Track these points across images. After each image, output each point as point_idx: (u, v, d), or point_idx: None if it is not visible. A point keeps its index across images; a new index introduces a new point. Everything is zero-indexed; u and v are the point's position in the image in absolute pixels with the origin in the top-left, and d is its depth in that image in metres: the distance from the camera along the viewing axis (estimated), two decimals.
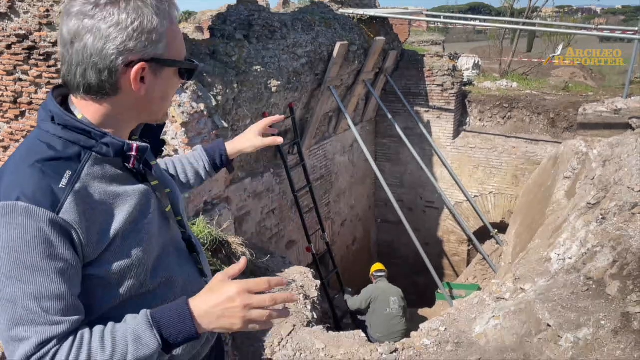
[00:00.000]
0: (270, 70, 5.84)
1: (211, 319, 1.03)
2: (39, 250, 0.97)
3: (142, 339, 1.02)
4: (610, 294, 3.43)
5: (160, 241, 1.20)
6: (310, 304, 5.30)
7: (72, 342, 1.00)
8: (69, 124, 1.06)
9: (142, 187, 1.16)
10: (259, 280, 1.05)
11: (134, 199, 1.13)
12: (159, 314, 1.05)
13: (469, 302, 4.77)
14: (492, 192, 9.06)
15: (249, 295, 1.02)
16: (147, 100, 1.10)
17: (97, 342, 1.01)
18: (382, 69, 8.66)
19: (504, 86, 9.90)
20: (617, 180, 4.73)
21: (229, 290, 1.03)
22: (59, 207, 0.98)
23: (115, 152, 1.09)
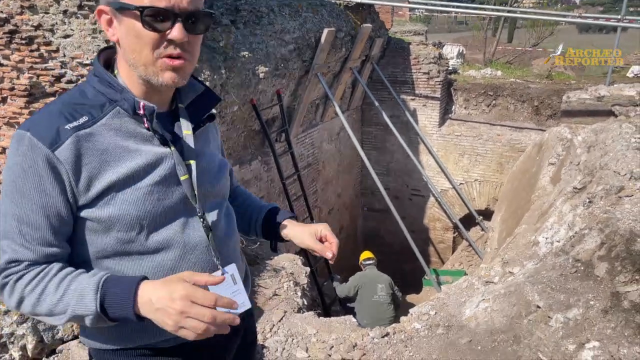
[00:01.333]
0: (257, 56, 5.77)
1: (150, 308, 1.02)
2: (30, 180, 1.06)
3: (84, 299, 1.05)
4: (599, 275, 3.49)
5: (165, 206, 1.18)
6: (300, 290, 5.31)
7: (38, 272, 1.09)
8: (101, 76, 1.16)
9: (158, 150, 1.18)
10: (207, 295, 1.02)
11: (143, 158, 1.14)
12: (111, 283, 1.06)
13: (458, 286, 4.82)
14: (478, 180, 9.15)
15: (190, 304, 0.99)
16: (123, 50, 1.13)
17: (55, 284, 1.08)
18: (368, 56, 8.64)
19: (489, 74, 9.97)
20: (603, 165, 4.81)
21: (176, 290, 1.01)
22: (57, 145, 1.06)
23: (132, 108, 1.13)
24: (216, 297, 1.02)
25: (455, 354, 3.73)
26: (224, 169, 1.39)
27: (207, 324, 0.99)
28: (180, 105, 1.26)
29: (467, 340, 3.78)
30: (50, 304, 1.07)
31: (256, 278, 5.17)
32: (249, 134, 6.41)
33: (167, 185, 1.19)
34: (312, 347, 4.22)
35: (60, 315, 1.08)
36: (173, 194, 1.20)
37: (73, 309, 1.05)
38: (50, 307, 1.07)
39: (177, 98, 1.26)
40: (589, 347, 2.97)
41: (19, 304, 1.09)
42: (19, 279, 1.08)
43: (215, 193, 1.32)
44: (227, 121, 5.74)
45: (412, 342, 4.06)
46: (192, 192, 1.22)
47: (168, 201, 1.19)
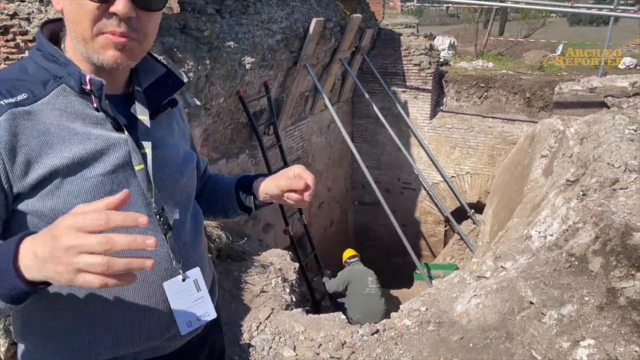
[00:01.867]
0: (244, 47, 5.61)
1: (36, 263, 0.78)
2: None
3: None
4: (593, 270, 3.40)
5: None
6: (288, 286, 5.18)
7: None
8: (44, 49, 1.03)
9: (110, 135, 1.03)
10: (90, 214, 0.75)
11: (93, 143, 1.00)
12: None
13: (449, 281, 4.72)
14: (469, 173, 9.06)
15: (77, 234, 0.73)
16: (67, 21, 1.00)
17: None
18: (358, 47, 8.50)
19: (480, 66, 9.86)
20: (597, 157, 4.71)
21: (57, 225, 0.76)
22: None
23: (78, 84, 0.99)
24: (105, 203, 0.77)
25: (446, 351, 3.63)
26: (189, 161, 1.24)
27: (104, 254, 0.73)
28: (137, 88, 1.11)
29: (458, 337, 3.68)
30: None
31: (243, 275, 5.04)
32: (236, 127, 6.26)
33: (121, 176, 1.04)
34: (300, 345, 4.11)
35: None
36: (128, 187, 1.05)
37: None
38: None
39: (135, 80, 1.12)
40: (584, 345, 2.88)
41: None
42: None
43: (178, 188, 1.18)
44: (213, 113, 5.59)
45: (402, 340, 3.95)
46: (148, 184, 1.07)
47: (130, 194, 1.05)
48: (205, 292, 1.16)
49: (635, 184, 3.95)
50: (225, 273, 4.94)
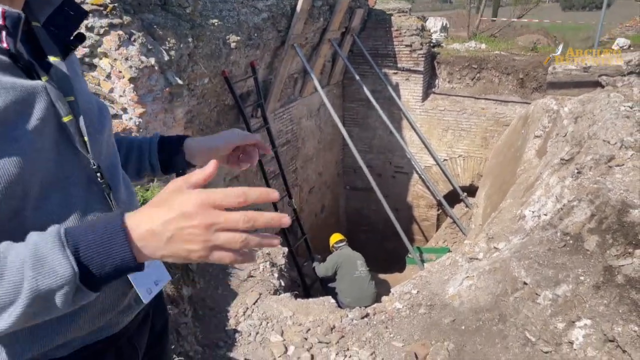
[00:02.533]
0: (228, 25, 5.41)
1: (158, 242, 0.73)
2: None
3: (46, 262, 0.70)
4: (589, 248, 3.28)
5: (56, 161, 0.87)
6: (277, 271, 5.06)
7: None
8: None
9: (24, 82, 0.83)
10: (230, 191, 0.74)
11: (8, 95, 0.79)
12: (77, 230, 0.74)
13: (441, 263, 4.61)
14: (462, 155, 8.94)
15: (214, 212, 0.72)
16: None
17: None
18: (348, 28, 8.29)
19: (473, 47, 9.68)
20: (592, 135, 4.59)
21: (186, 202, 0.72)
22: None
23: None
24: (243, 189, 0.75)
25: (437, 334, 3.52)
26: (107, 110, 1.08)
27: (245, 231, 0.72)
28: (35, 23, 0.92)
29: (450, 320, 3.57)
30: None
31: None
32: (222, 109, 6.07)
33: (56, 132, 0.87)
34: (288, 330, 3.99)
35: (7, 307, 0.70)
36: (65, 143, 0.89)
37: (32, 284, 0.69)
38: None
39: (29, 15, 0.91)
40: (580, 325, 2.77)
41: None
42: None
43: (105, 142, 1.02)
44: (198, 94, 5.40)
45: (392, 323, 3.84)
46: (81, 138, 0.91)
47: (64, 153, 0.89)
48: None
49: (632, 161, 3.83)
50: None
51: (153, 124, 4.32)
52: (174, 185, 0.76)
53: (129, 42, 4.19)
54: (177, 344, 3.16)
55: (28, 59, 0.85)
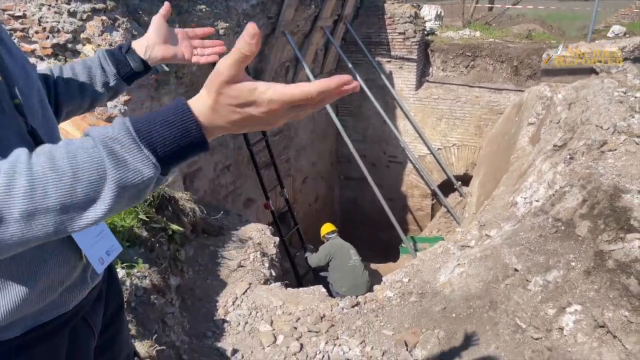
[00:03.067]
0: (217, 11, 5.31)
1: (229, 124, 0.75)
2: None
3: (129, 164, 0.68)
4: (580, 234, 3.24)
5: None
6: (268, 261, 5.00)
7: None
8: None
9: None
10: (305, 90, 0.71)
11: None
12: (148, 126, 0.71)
13: (433, 252, 4.57)
14: (456, 144, 8.88)
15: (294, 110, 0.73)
16: None
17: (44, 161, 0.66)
18: (341, 16, 8.19)
19: (467, 35, 9.59)
20: (585, 120, 4.53)
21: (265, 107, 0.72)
22: None
23: None
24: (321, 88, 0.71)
25: (428, 322, 3.48)
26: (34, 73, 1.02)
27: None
28: None
29: (441, 308, 3.53)
30: (63, 185, 0.65)
31: (220, 249, 4.84)
32: None
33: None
34: (277, 319, 3.94)
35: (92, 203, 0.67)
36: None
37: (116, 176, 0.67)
38: (66, 190, 0.65)
39: None
40: (570, 311, 2.72)
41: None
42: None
43: (39, 101, 0.96)
44: (186, 83, 5.31)
45: (383, 311, 3.80)
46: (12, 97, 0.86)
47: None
48: (105, 226, 1.04)
49: (625, 145, 3.78)
50: (201, 248, 4.74)
51: (139, 111, 4.24)
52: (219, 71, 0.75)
53: (112, 28, 4.10)
54: (162, 333, 3.11)
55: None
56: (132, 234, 3.53)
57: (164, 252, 3.91)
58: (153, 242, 3.71)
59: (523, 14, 19.42)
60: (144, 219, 3.70)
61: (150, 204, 3.99)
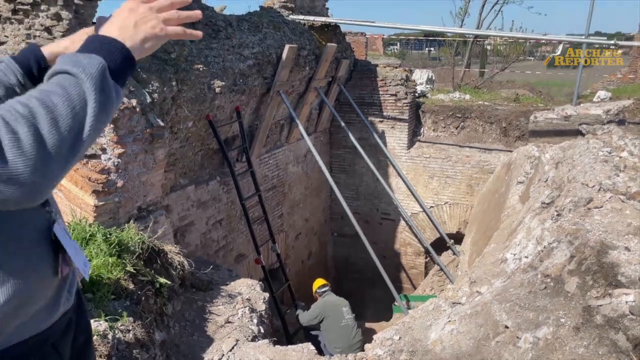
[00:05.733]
0: (213, 70, 5.51)
1: (130, 32, 0.97)
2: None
3: (80, 61, 0.88)
4: (569, 290, 3.22)
5: None
6: (256, 317, 4.90)
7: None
8: None
9: None
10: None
11: None
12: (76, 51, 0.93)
13: (424, 309, 4.50)
14: (448, 202, 8.95)
15: (146, 3, 1.01)
16: None
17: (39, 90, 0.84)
18: (335, 77, 8.49)
19: (457, 98, 9.92)
20: (571, 178, 4.62)
21: (123, 8, 1.01)
22: None
23: None
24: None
25: None
26: None
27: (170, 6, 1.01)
28: None
29: None
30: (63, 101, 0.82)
31: (208, 305, 4.76)
32: (207, 153, 6.09)
33: None
34: None
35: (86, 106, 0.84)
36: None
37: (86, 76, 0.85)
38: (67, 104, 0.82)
39: None
40: None
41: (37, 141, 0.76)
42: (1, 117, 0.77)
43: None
44: (181, 138, 5.43)
45: None
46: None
47: None
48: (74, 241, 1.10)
49: (610, 203, 3.84)
50: (189, 302, 4.66)
51: (132, 164, 4.30)
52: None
53: None
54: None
55: None
56: (119, 286, 3.49)
57: (150, 305, 3.84)
58: (139, 295, 3.65)
59: (512, 79, 20.17)
60: (131, 271, 3.67)
61: (138, 256, 3.96)
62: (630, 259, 3.15)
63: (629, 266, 3.05)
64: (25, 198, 0.76)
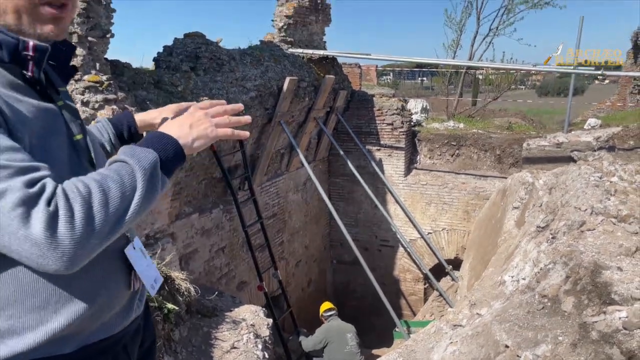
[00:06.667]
0: None
1: (185, 131, 1.11)
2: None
3: (137, 154, 1.00)
4: (566, 309, 3.35)
5: (72, 173, 1.00)
6: (261, 342, 4.97)
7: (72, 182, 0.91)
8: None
9: (47, 105, 1.02)
10: (202, 102, 1.22)
11: (37, 112, 0.97)
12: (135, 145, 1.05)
13: (426, 332, 4.61)
14: (445, 228, 9.09)
15: (205, 110, 1.18)
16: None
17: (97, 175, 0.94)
18: (333, 108, 8.74)
19: (452, 126, 10.17)
20: (564, 203, 4.79)
21: (188, 111, 1.18)
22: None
23: (10, 52, 0.95)
24: (209, 100, 1.26)
25: None
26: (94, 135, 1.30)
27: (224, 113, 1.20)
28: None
29: None
30: (117, 186, 0.92)
31: (213, 330, 4.83)
32: (210, 182, 6.25)
33: (69, 147, 1.05)
34: None
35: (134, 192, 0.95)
36: (75, 157, 1.06)
37: (140, 167, 0.97)
38: (120, 189, 0.92)
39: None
40: None
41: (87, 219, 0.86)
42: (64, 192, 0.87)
43: (102, 157, 1.20)
44: (186, 167, 5.59)
45: None
46: (88, 154, 1.09)
47: (75, 167, 1.04)
48: (150, 259, 1.23)
49: (602, 225, 4.00)
50: (195, 328, 4.74)
51: None
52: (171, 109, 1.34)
53: None
54: None
55: (46, 85, 1.04)
56: None
57: (158, 331, 3.93)
58: None
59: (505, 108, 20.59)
60: None
61: None
62: (622, 278, 3.30)
63: (622, 285, 3.20)
64: (62, 267, 0.85)
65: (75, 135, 1.07)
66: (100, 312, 1.10)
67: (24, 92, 0.99)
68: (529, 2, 13.07)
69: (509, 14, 13.51)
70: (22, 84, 0.99)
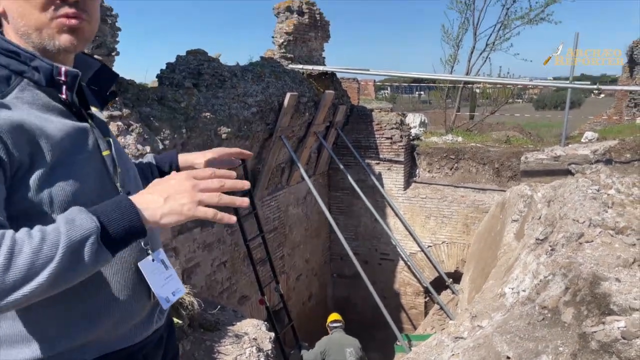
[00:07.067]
0: (220, 117, 5.81)
1: (157, 203, 0.97)
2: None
3: (75, 221, 0.89)
4: (566, 320, 3.40)
5: (97, 186, 1.09)
6: (263, 356, 4.99)
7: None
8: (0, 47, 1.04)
9: (77, 123, 1.10)
10: (203, 169, 1.05)
11: (67, 130, 1.05)
12: (97, 206, 0.95)
13: (427, 344, 4.63)
14: (445, 242, 9.14)
15: (196, 180, 1.00)
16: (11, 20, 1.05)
17: (23, 233, 0.87)
18: (332, 122, 8.84)
19: (450, 140, 10.27)
20: (563, 215, 4.86)
21: (175, 176, 1.02)
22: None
23: (46, 77, 1.04)
24: (212, 169, 1.05)
25: None
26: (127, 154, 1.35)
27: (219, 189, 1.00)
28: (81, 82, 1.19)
29: None
30: (30, 252, 0.83)
31: (216, 344, 4.85)
32: None
33: (98, 162, 1.13)
34: None
35: (47, 264, 0.85)
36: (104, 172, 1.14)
37: (67, 236, 0.86)
38: (31, 257, 0.83)
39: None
40: None
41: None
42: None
43: (130, 176, 1.26)
44: None
45: None
46: (115, 169, 1.16)
47: (103, 181, 1.12)
48: (173, 271, 1.23)
49: (600, 237, 4.06)
50: (197, 342, 4.75)
51: None
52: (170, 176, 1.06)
53: (127, 132, 4.50)
54: None
55: (79, 107, 1.12)
56: None
57: None
58: None
59: (503, 121, 20.76)
60: None
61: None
62: (620, 289, 3.35)
63: (620, 295, 3.25)
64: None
65: (103, 151, 1.14)
66: (121, 322, 1.15)
67: (58, 112, 1.08)
68: (524, 18, 13.25)
69: (505, 30, 13.69)
70: (58, 105, 1.08)
